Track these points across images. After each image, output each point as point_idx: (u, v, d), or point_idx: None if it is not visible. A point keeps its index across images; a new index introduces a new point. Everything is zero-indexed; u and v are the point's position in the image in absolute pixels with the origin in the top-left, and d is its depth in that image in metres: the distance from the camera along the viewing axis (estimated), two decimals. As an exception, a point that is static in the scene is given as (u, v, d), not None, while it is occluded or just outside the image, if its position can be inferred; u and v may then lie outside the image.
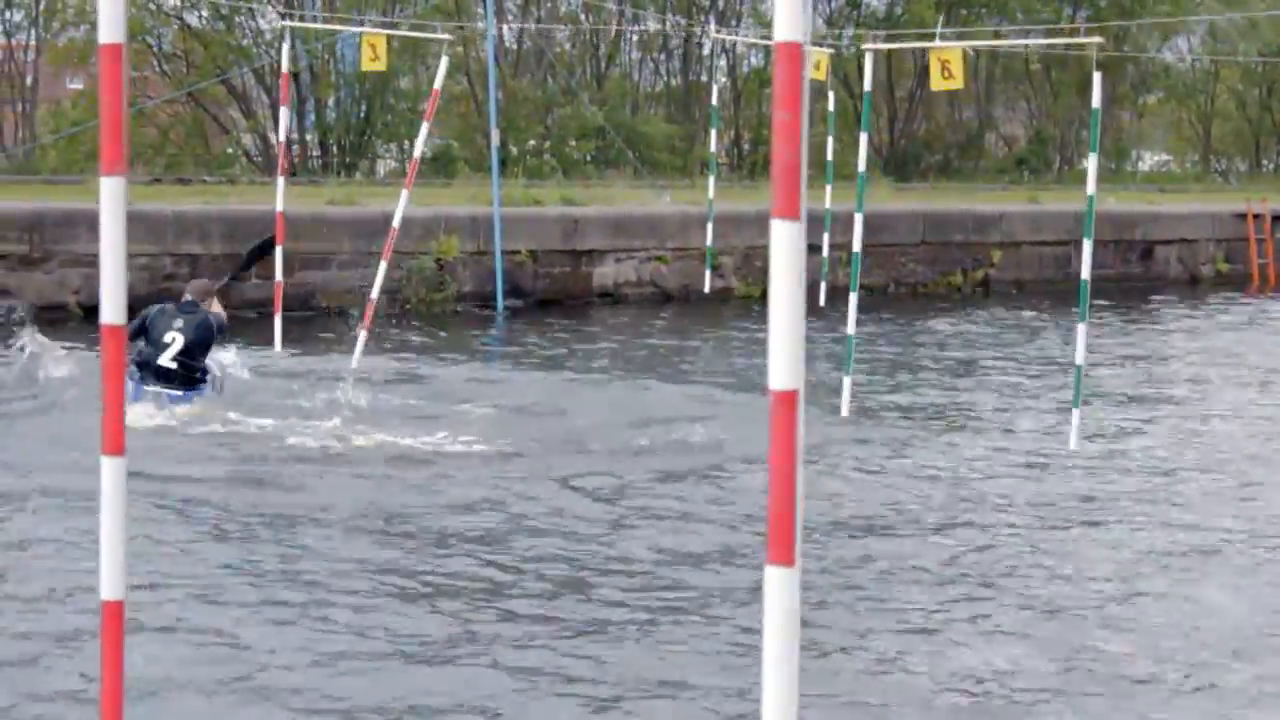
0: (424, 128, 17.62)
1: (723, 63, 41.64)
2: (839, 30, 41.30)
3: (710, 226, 23.42)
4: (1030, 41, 41.62)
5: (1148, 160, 56.16)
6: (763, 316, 12.68)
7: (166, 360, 14.64)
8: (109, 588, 3.98)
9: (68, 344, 16.08)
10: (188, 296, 15.23)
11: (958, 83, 14.03)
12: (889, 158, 42.74)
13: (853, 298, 14.77)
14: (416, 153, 17.96)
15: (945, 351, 21.30)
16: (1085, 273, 13.40)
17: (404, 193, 16.91)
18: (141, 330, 14.72)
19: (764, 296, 13.28)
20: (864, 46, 15.75)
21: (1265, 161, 51.60)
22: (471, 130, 37.60)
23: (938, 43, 14.19)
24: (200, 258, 22.57)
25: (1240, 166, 52.50)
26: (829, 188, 23.66)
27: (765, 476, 3.01)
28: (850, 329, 14.73)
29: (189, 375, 14.73)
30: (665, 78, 44.09)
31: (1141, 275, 31.26)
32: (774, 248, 2.98)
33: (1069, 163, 45.42)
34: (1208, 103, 51.78)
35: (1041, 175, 43.77)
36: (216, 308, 15.22)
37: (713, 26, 39.49)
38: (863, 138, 15.80)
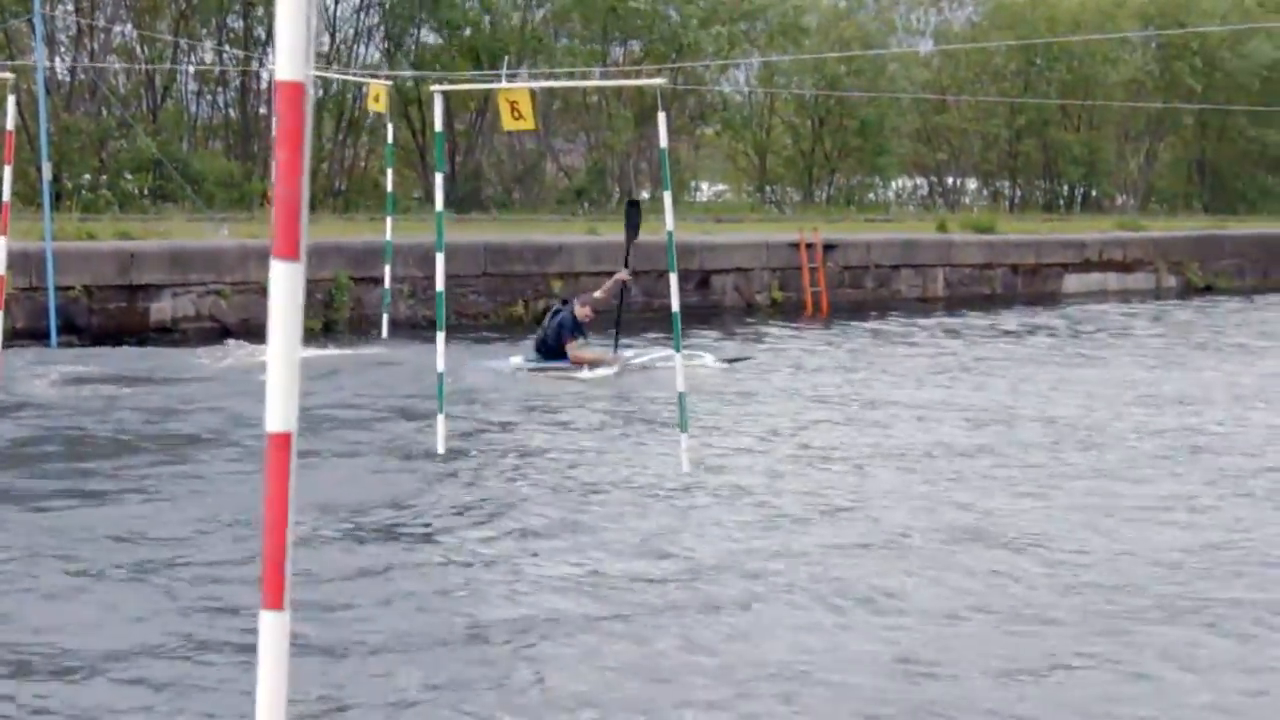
0: (6, 170, 16.92)
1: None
2: (396, 64, 41.26)
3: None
4: (597, 83, 42.18)
5: (705, 191, 57.36)
6: (340, 343, 12.66)
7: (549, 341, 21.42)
8: None
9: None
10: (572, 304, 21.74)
11: (528, 123, 14.14)
12: (449, 190, 42.84)
13: (440, 338, 14.76)
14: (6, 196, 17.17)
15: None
16: (675, 305, 13.86)
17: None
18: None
19: (326, 329, 13.30)
20: (432, 88, 15.63)
21: (818, 192, 53.09)
22: (23, 164, 36.56)
23: (504, 84, 14.27)
24: None
25: (795, 197, 53.88)
26: (389, 220, 23.63)
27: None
28: (440, 366, 14.78)
29: (555, 351, 21.26)
30: (223, 110, 43.52)
31: (699, 304, 31.87)
32: (272, 288, 2.95)
33: (628, 194, 46.09)
34: (763, 134, 53.14)
35: (601, 206, 44.34)
36: (580, 309, 21.41)
37: (271, 59, 39.17)
38: (438, 178, 15.50)
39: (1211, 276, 43.30)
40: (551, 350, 21.43)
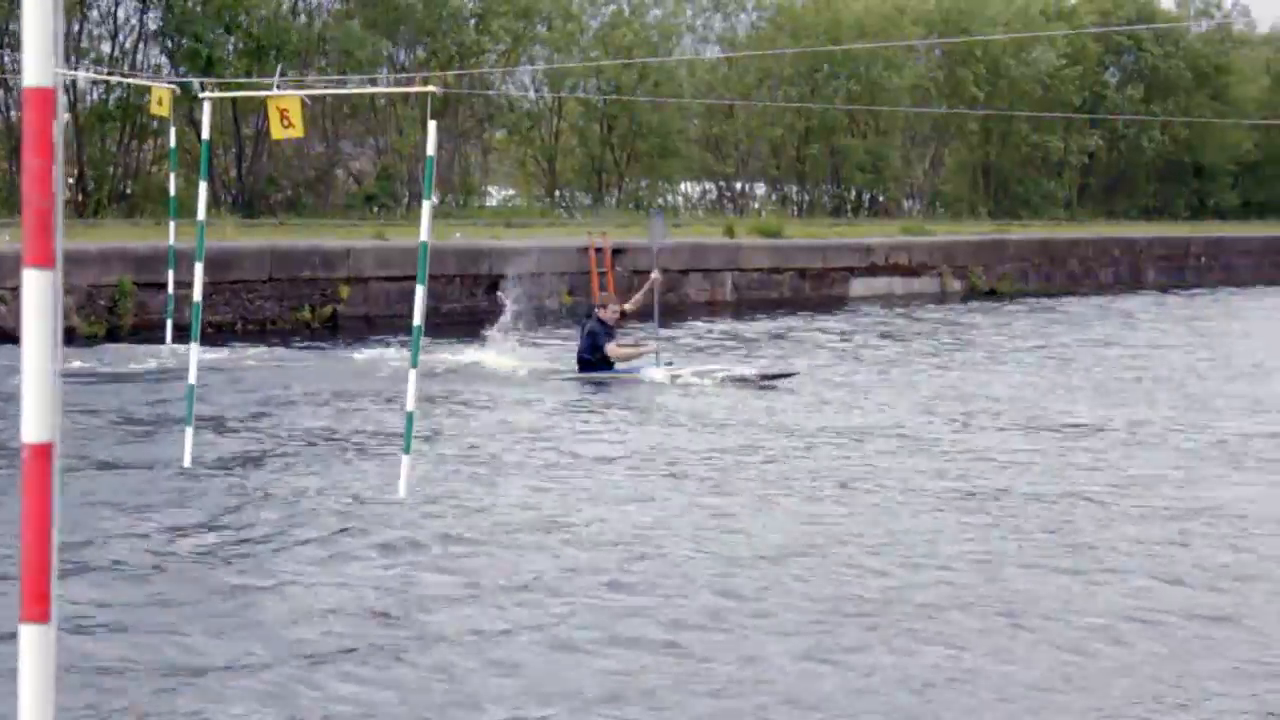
0: None
1: (64, 98, 40.51)
2: (179, 68, 40.69)
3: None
4: (370, 90, 41.94)
5: (495, 195, 57.20)
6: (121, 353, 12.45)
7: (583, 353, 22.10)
8: None
9: None
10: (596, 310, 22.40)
11: (298, 131, 13.87)
12: (237, 194, 42.39)
13: (194, 347, 14.35)
14: None
15: (294, 391, 21.03)
16: (418, 319, 13.26)
17: None
18: None
19: (110, 335, 13.06)
20: (201, 95, 15.39)
21: (608, 196, 53.19)
22: None
23: (275, 91, 14.03)
24: None
25: (585, 200, 53.90)
26: (173, 224, 23.34)
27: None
28: (191, 378, 14.44)
29: (591, 363, 21.83)
30: (3, 114, 42.68)
31: (487, 308, 31.79)
32: (25, 297, 2.91)
33: (417, 198, 45.76)
34: (552, 139, 53.11)
35: (391, 211, 44.09)
36: (606, 313, 22.00)
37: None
38: (203, 186, 15.28)
39: (995, 280, 44.11)
40: (589, 363, 22.15)
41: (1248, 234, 58.36)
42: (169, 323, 24.30)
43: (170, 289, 24.16)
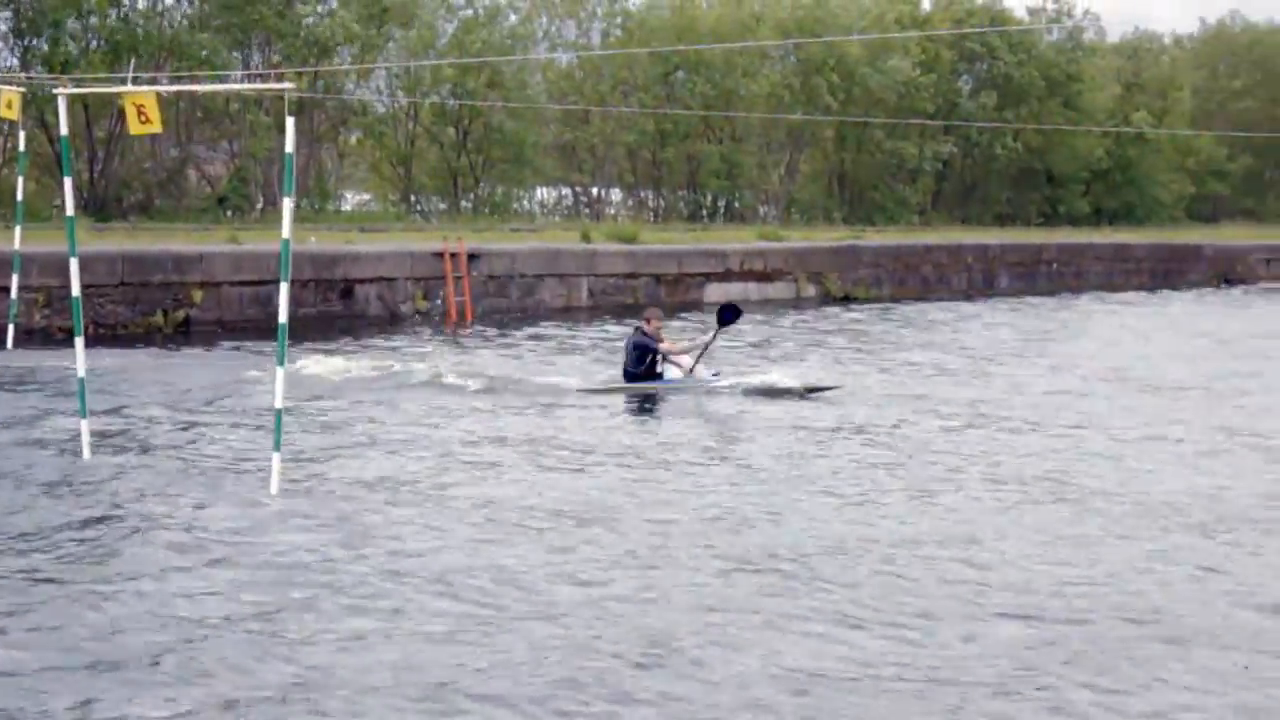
0: None
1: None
2: (31, 70, 40.18)
3: None
4: (226, 87, 41.71)
5: (350, 200, 56.85)
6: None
7: (629, 367, 22.21)
8: None
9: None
10: (640, 324, 22.50)
11: (155, 127, 13.90)
12: (90, 197, 41.88)
13: (79, 342, 14.80)
14: None
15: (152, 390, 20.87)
16: (283, 316, 13.58)
17: None
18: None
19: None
20: (56, 91, 15.39)
21: (464, 201, 53.04)
22: None
23: (130, 87, 13.99)
24: None
25: (441, 206, 53.71)
26: (19, 229, 23.08)
27: None
28: (80, 371, 14.76)
29: (638, 376, 21.99)
30: None
31: (343, 313, 31.72)
32: None
33: (271, 202, 45.40)
34: (407, 144, 52.82)
35: (245, 214, 43.72)
36: (650, 326, 22.16)
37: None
38: (67, 182, 15.44)
39: (849, 286, 44.41)
40: (634, 375, 22.13)
41: (1099, 240, 59.11)
42: (11, 328, 24.11)
43: (14, 293, 23.91)
